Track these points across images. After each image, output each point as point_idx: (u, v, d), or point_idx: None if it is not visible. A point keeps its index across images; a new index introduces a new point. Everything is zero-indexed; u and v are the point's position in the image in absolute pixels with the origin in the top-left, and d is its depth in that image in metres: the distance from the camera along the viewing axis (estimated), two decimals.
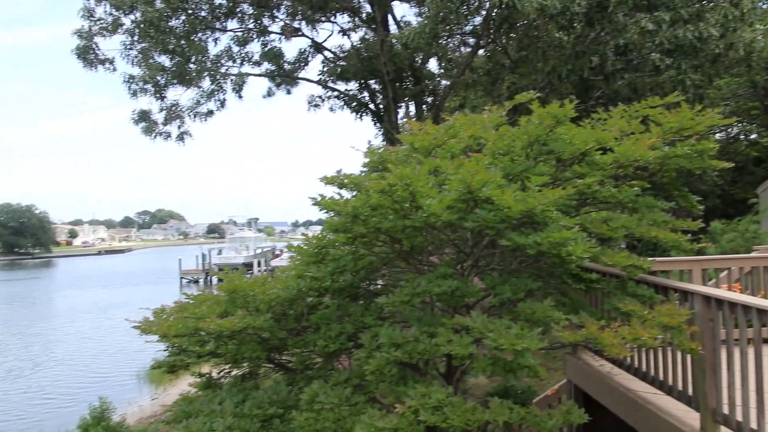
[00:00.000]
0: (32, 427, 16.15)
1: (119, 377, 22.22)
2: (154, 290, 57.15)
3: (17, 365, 25.01)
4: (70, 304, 48.31)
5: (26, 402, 19.43)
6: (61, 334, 33.06)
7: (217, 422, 5.00)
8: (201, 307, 5.68)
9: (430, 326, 5.02)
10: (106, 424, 11.42)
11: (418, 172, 5.12)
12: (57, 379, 22.48)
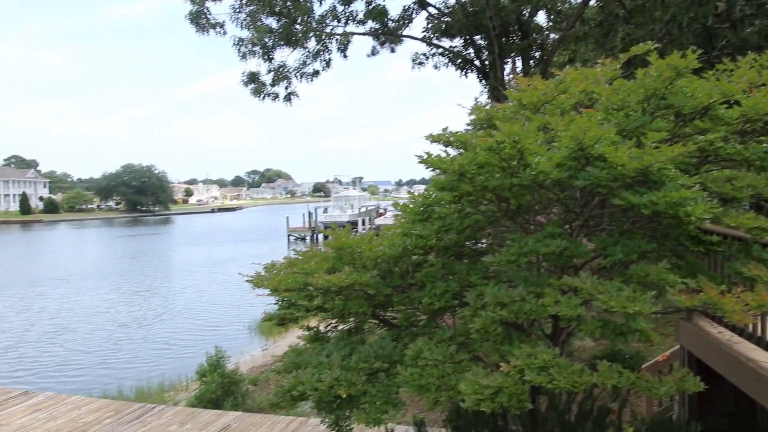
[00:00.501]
0: (155, 372, 17.55)
1: (232, 328, 23.62)
2: (263, 247, 59.85)
3: (142, 315, 27.13)
4: (186, 258, 51.61)
5: (150, 349, 21.11)
6: (179, 287, 35.47)
7: (325, 374, 5.22)
8: (309, 263, 5.90)
9: (536, 286, 4.95)
10: (222, 372, 12.20)
11: (527, 129, 5.00)
12: (176, 328, 24.21)
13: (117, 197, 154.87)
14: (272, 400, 5.61)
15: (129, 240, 74.96)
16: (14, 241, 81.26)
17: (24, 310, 29.05)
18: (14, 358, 20.35)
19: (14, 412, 10.86)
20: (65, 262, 50.40)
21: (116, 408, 11.05)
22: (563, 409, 6.40)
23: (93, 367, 18.86)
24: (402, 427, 8.56)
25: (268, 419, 10.13)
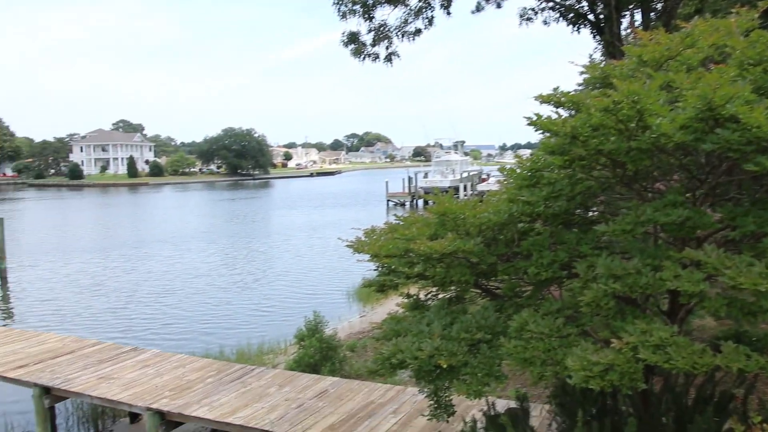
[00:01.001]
0: (255, 335, 18.43)
1: (330, 294, 24.33)
2: (361, 212, 60.89)
3: (242, 278, 28.46)
4: (285, 222, 53.41)
5: (249, 312, 22.15)
6: (278, 251, 36.84)
7: (425, 343, 5.29)
8: (411, 229, 5.95)
9: (654, 259, 4.76)
10: (320, 336, 12.63)
11: (648, 88, 4.75)
12: (275, 292, 25.23)
13: (218, 161, 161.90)
14: (370, 367, 5.76)
15: (229, 203, 78.45)
16: (123, 204, 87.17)
17: (132, 271, 31.25)
18: (124, 316, 22.00)
19: (125, 367, 11.79)
20: (169, 225, 53.56)
21: (218, 368, 11.73)
22: (680, 392, 6.18)
23: (196, 328, 20.06)
24: (503, 401, 8.57)
25: (366, 386, 10.43)
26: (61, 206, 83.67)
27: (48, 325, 19.82)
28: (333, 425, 8.81)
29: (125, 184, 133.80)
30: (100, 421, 12.22)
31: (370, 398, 9.83)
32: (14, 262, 32.71)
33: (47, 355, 12.55)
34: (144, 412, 9.88)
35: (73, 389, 10.68)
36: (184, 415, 9.56)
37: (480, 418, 6.82)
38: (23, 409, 12.54)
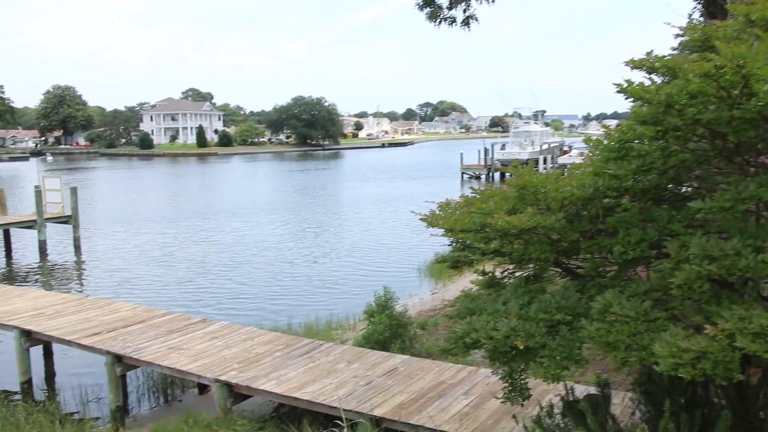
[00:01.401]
0: (323, 309, 18.79)
1: (400, 269, 24.49)
2: (435, 184, 60.74)
3: (311, 252, 28.99)
4: (355, 195, 53.91)
5: (318, 286, 22.57)
6: (347, 225, 37.28)
7: (501, 322, 5.26)
8: (488, 203, 5.89)
9: (755, 239, 4.55)
10: (390, 313, 12.75)
11: (755, 51, 4.51)
12: (344, 267, 25.59)
13: (287, 131, 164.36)
14: (442, 345, 5.79)
15: (298, 174, 79.74)
16: (192, 174, 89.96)
17: (201, 242, 32.34)
18: (193, 287, 22.84)
19: (194, 338, 12.28)
20: (238, 196, 54.98)
21: (286, 342, 12.06)
22: None
23: (264, 301, 20.63)
24: (582, 387, 8.46)
25: (436, 365, 10.50)
26: (132, 176, 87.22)
27: (119, 295, 20.82)
28: (402, 404, 8.93)
29: (194, 154, 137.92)
30: (170, 391, 12.80)
31: (440, 378, 9.90)
32: (87, 231, 34.39)
33: (119, 324, 13.21)
34: (212, 383, 10.29)
35: (144, 358, 11.21)
36: (252, 388, 9.90)
37: (557, 404, 6.76)
38: (96, 377, 13.28)
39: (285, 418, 10.09)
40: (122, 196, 57.48)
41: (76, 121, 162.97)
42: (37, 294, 16.80)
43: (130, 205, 50.05)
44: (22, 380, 13.13)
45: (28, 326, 13.15)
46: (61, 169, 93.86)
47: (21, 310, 14.43)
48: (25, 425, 10.34)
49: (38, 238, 29.44)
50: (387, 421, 8.57)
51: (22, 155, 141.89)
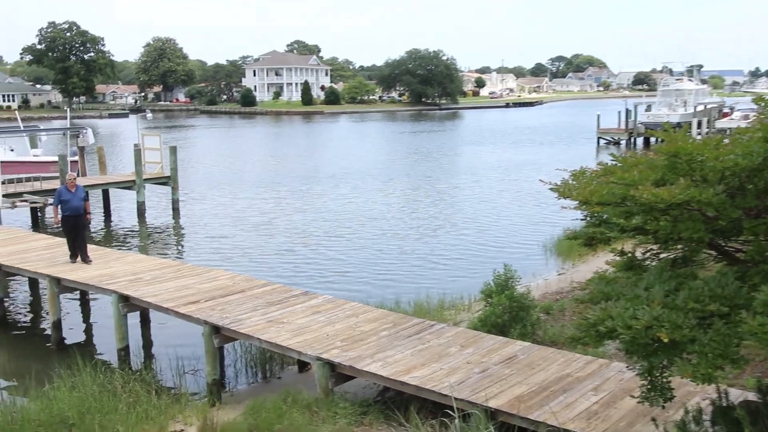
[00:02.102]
0: (435, 286, 18.84)
1: (524, 246, 24.18)
2: (566, 150, 59.37)
3: (423, 223, 29.11)
4: (474, 161, 53.51)
5: (430, 261, 22.66)
6: (465, 194, 37.12)
7: (642, 310, 5.08)
8: (631, 172, 5.67)
9: None
10: (510, 294, 12.63)
11: None
12: (460, 241, 25.54)
13: (400, 87, 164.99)
14: (570, 333, 5.67)
15: (411, 137, 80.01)
16: (295, 134, 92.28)
17: (303, 209, 33.20)
18: (294, 257, 23.54)
19: (295, 312, 12.68)
20: (344, 159, 55.92)
21: (394, 320, 12.22)
22: None
23: (370, 275, 20.96)
24: (737, 391, 8.07)
25: (562, 355, 10.33)
26: (232, 135, 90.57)
27: (217, 262, 21.76)
28: (521, 396, 8.86)
29: (299, 113, 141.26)
30: (268, 367, 13.31)
31: (566, 370, 9.73)
32: (185, 193, 36.11)
33: (218, 293, 13.83)
34: (313, 361, 10.60)
35: (243, 331, 11.70)
36: (355, 369, 10.12)
37: (706, 408, 6.48)
38: (193, 348, 14.00)
39: (390, 404, 10.27)
40: (222, 157, 59.88)
41: (176, 76, 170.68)
42: (135, 258, 17.86)
43: (229, 167, 52.04)
44: (119, 347, 14.04)
45: (126, 291, 14.02)
46: (160, 126, 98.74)
47: (119, 274, 15.39)
48: (122, 394, 11.07)
49: (137, 200, 31.20)
50: (503, 414, 8.54)
51: (122, 112, 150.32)
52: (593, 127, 67.62)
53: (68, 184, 17.35)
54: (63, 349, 15.35)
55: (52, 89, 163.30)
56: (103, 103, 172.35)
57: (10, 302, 18.70)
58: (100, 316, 17.45)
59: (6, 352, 15.78)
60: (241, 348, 13.74)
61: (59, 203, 17.09)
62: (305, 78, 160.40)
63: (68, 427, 9.81)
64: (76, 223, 16.97)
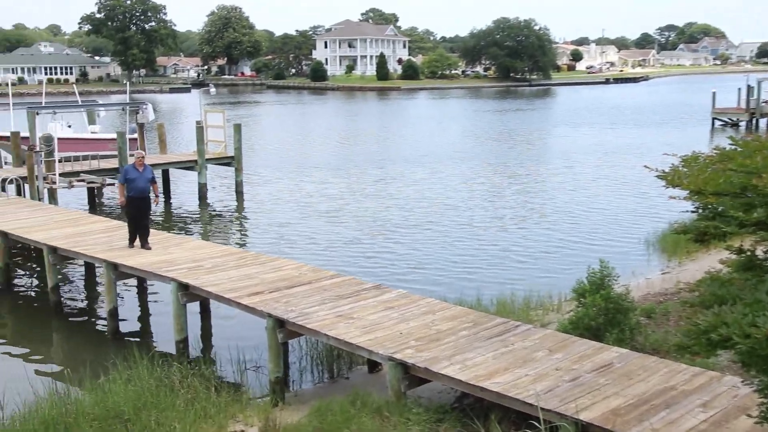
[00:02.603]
0: (521, 283, 18.67)
1: (622, 240, 23.74)
2: (675, 132, 57.99)
3: (508, 213, 28.89)
4: (567, 143, 52.77)
5: (516, 255, 22.46)
6: (555, 181, 36.63)
7: (763, 317, 4.92)
8: (754, 158, 5.47)
9: None
10: (606, 294, 12.40)
11: None
12: (549, 233, 25.22)
13: (486, 61, 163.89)
14: (676, 340, 5.54)
15: (497, 116, 79.43)
16: (369, 112, 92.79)
17: (376, 195, 33.41)
18: (365, 247, 23.70)
19: (366, 307, 12.76)
20: (422, 140, 55.95)
21: (474, 319, 12.17)
22: None
23: (448, 269, 20.93)
24: None
25: (664, 365, 10.09)
26: (301, 113, 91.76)
27: (282, 250, 22.12)
28: (617, 410, 8.71)
29: (373, 88, 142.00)
30: (336, 366, 13.47)
31: (669, 382, 9.51)
32: (249, 175, 36.80)
33: (283, 284, 14.05)
34: (385, 362, 10.65)
35: (309, 325, 11.84)
36: (431, 372, 10.12)
37: None
38: (255, 342, 14.27)
39: (468, 411, 10.24)
40: (289, 136, 60.76)
41: (241, 48, 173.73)
42: (195, 244, 18.30)
43: (297, 147, 52.75)
44: (178, 338, 14.42)
45: (186, 279, 14.38)
46: (224, 102, 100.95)
47: (179, 261, 15.81)
48: (180, 389, 11.38)
49: (198, 181, 31.89)
50: (596, 428, 8.40)
51: (183, 86, 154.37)
52: (707, 106, 65.72)
53: (136, 163, 17.51)
54: (119, 339, 15.91)
55: (111, 61, 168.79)
56: (164, 77, 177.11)
57: (65, 288, 19.49)
58: (158, 305, 17.98)
59: (61, 341, 16.48)
60: (306, 344, 13.94)
61: (125, 182, 17.26)
62: (381, 50, 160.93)
63: (123, 423, 10.14)
64: (141, 206, 17.30)
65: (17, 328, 17.56)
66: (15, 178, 25.86)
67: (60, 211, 23.04)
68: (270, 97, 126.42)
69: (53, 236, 18.30)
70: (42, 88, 49.10)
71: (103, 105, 43.80)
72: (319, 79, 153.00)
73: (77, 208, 28.07)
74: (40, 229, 19.26)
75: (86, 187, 29.14)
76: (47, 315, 17.75)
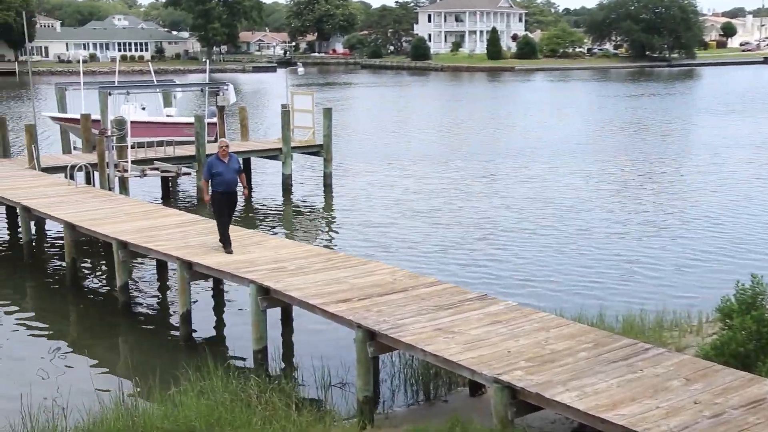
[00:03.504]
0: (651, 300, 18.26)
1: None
2: None
3: (637, 216, 28.32)
4: (714, 135, 51.27)
5: (646, 266, 21.97)
6: (698, 180, 35.72)
7: None
8: None
9: None
10: (759, 315, 12.01)
11: None
12: (686, 241, 24.59)
13: (617, 37, 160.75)
14: None
15: (629, 102, 77.88)
16: (478, 96, 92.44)
17: (485, 193, 33.28)
18: (468, 251, 23.59)
19: (469, 319, 12.72)
20: (539, 130, 55.37)
21: (595, 339, 11.98)
22: None
23: (565, 279, 20.64)
24: None
25: None
26: (399, 96, 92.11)
27: (374, 253, 22.23)
28: None
29: (483, 69, 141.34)
30: (433, 386, 13.47)
31: None
32: (339, 166, 37.14)
33: (375, 290, 14.13)
34: (490, 384, 10.61)
35: (404, 339, 11.88)
36: (543, 398, 10.02)
37: None
38: (342, 355, 14.42)
39: None
40: (385, 123, 61.09)
41: (333, 22, 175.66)
42: (278, 243, 18.63)
43: (394, 135, 53.04)
44: (256, 348, 14.69)
45: (267, 282, 14.63)
46: (313, 84, 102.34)
47: (259, 262, 16.11)
48: (257, 405, 11.61)
49: (282, 172, 32.38)
50: None
51: (268, 65, 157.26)
52: None
53: (219, 153, 17.07)
54: (192, 346, 16.33)
55: (189, 36, 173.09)
56: (248, 54, 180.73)
57: (135, 287, 20.15)
58: (236, 310, 18.39)
59: (130, 345, 16.99)
60: (400, 360, 14.00)
61: (210, 177, 16.92)
62: (493, 24, 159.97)
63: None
64: (230, 201, 17.24)
65: (83, 330, 18.26)
66: (84, 165, 26.62)
67: (131, 202, 23.84)
68: (364, 77, 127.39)
69: (124, 230, 18.93)
70: (115, 65, 50.30)
71: (181, 85, 44.78)
72: (421, 57, 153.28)
73: (149, 199, 28.89)
74: (110, 221, 19.95)
75: (160, 176, 29.81)
76: (115, 316, 18.42)
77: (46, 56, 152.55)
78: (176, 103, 42.46)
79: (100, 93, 31.73)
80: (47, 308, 19.59)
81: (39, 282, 21.67)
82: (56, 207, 21.71)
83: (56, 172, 27.53)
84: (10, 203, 23.66)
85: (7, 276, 22.26)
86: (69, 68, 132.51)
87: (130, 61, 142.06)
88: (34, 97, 40.79)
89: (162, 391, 12.20)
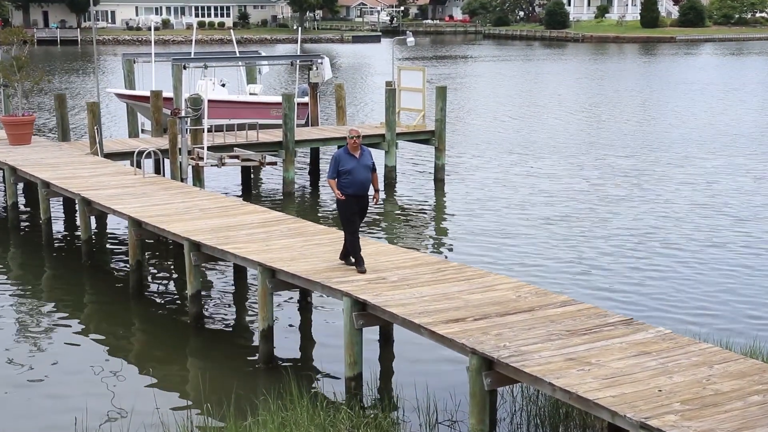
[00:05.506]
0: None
1: None
2: None
3: None
4: None
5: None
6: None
7: None
8: None
9: None
10: None
11: None
12: None
13: None
14: None
15: None
16: (628, 73, 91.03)
17: (634, 197, 32.64)
18: (611, 267, 23.11)
19: (610, 348, 12.48)
20: (704, 117, 54.16)
21: None
22: None
23: (734, 304, 20.12)
24: None
25: None
26: (529, 71, 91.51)
27: (493, 263, 22.08)
28: None
29: (635, 39, 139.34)
30: (562, 427, 13.30)
31: None
32: (454, 158, 36.99)
33: (493, 309, 13.99)
34: (636, 430, 10.39)
35: (527, 370, 11.72)
36: None
37: None
38: (451, 384, 14.37)
39: None
40: (510, 106, 60.62)
41: None
42: (377, 248, 18.62)
43: (520, 122, 52.52)
44: (349, 374, 14.71)
45: (363, 295, 14.60)
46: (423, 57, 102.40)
47: (355, 270, 16.05)
48: None
49: (385, 163, 32.30)
50: None
51: (372, 34, 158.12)
52: None
53: (349, 146, 16.42)
54: (273, 369, 16.43)
55: (278, 1, 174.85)
56: (347, 21, 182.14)
57: (208, 295, 20.39)
58: (326, 328, 18.47)
59: (200, 365, 17.09)
60: (522, 395, 13.88)
61: (336, 176, 16.27)
62: None
63: None
64: (362, 207, 16.72)
65: (147, 344, 18.63)
66: (153, 151, 27.07)
67: (207, 195, 24.16)
68: (487, 49, 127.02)
69: (197, 228, 19.19)
70: (191, 34, 50.70)
71: (267, 58, 45.10)
72: (558, 25, 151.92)
73: (228, 193, 29.24)
74: (181, 218, 20.31)
75: (240, 165, 30.15)
76: (185, 329, 18.76)
77: (112, 22, 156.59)
78: (261, 80, 42.67)
79: (174, 66, 32.20)
80: (107, 317, 19.98)
81: (98, 287, 22.21)
82: (120, 200, 22.14)
83: (121, 159, 28.12)
84: (69, 195, 24.12)
85: (63, 279, 22.92)
86: (138, 36, 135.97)
87: (208, 29, 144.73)
88: (98, 70, 41.67)
89: (237, 422, 12.35)
